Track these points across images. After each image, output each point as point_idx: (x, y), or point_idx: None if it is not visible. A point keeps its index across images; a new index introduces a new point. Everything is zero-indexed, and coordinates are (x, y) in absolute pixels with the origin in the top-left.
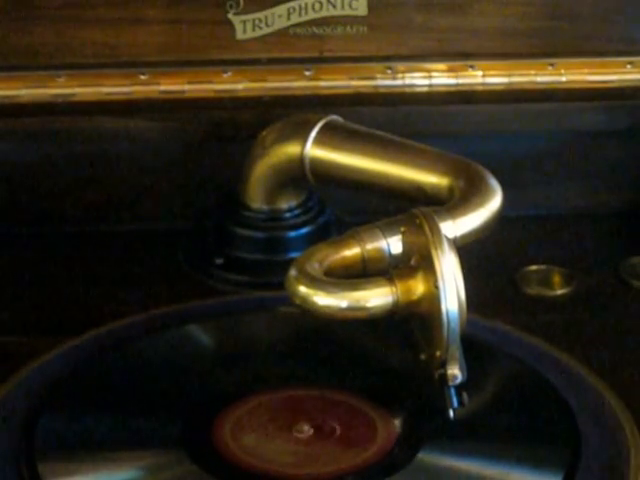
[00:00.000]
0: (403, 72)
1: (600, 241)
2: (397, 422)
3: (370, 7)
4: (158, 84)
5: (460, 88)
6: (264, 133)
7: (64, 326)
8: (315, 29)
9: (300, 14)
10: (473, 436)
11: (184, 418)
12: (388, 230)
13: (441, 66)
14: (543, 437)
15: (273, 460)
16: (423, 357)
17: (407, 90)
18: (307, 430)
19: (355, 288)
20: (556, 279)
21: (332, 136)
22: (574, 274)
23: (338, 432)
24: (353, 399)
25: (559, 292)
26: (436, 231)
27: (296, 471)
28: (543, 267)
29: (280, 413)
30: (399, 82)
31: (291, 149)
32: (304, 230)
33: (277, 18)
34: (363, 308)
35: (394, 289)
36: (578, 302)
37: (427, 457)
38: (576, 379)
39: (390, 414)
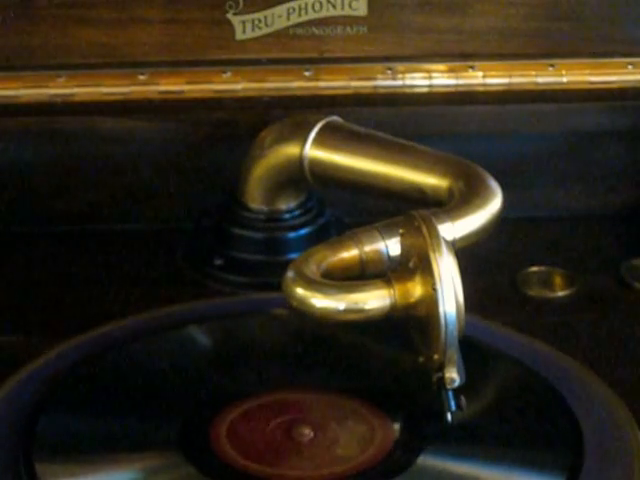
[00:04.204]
0: (403, 72)
1: (601, 242)
2: (397, 425)
3: (370, 7)
4: (157, 84)
5: (460, 89)
6: (263, 134)
7: (62, 326)
8: (315, 29)
9: (300, 14)
10: (474, 439)
11: (182, 419)
12: (386, 232)
13: (441, 67)
14: (544, 440)
15: (271, 462)
16: (421, 360)
17: (407, 91)
18: (306, 433)
19: (352, 290)
20: (557, 280)
21: (331, 137)
22: (575, 275)
23: (338, 435)
24: (352, 402)
25: (560, 293)
26: (434, 233)
27: (294, 474)
28: (544, 268)
29: (279, 415)
30: (399, 83)
31: (290, 150)
32: (303, 231)
33: (277, 18)
34: (360, 310)
35: (392, 291)
36: (579, 304)
37: (428, 460)
38: (577, 381)
39: (390, 417)
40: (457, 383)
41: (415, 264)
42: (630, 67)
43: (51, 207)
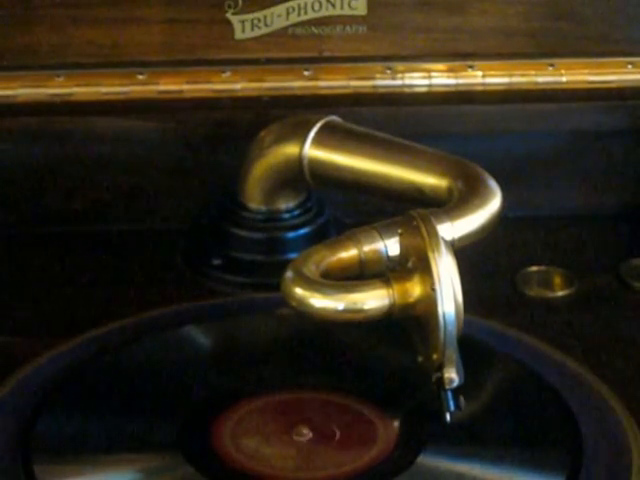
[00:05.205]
0: (402, 72)
1: (601, 242)
2: (397, 425)
3: (369, 7)
4: (156, 84)
5: (460, 88)
6: (262, 133)
7: (62, 326)
8: (314, 29)
9: (299, 14)
10: (474, 439)
11: (182, 420)
12: (386, 232)
13: (441, 66)
14: (544, 440)
15: (271, 463)
16: (420, 360)
17: (406, 90)
18: (306, 433)
19: (351, 290)
20: (556, 280)
21: (331, 137)
22: (574, 275)
23: (337, 435)
24: (353, 402)
25: (559, 293)
26: (433, 233)
27: (295, 475)
28: (543, 268)
29: (279, 416)
30: (398, 82)
31: (290, 150)
32: (303, 231)
33: (276, 18)
34: (359, 310)
35: (390, 291)
36: (578, 303)
37: (428, 460)
38: (576, 381)
39: (390, 417)
40: (456, 383)
41: (414, 264)
42: (629, 67)
43: (50, 207)
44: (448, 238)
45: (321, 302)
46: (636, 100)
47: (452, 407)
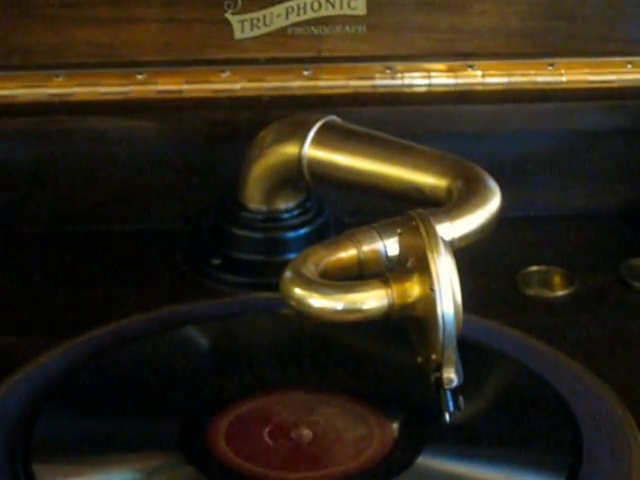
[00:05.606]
0: (402, 72)
1: (600, 242)
2: (396, 426)
3: (369, 7)
4: (155, 84)
5: (459, 88)
6: (262, 133)
7: (62, 326)
8: (313, 29)
9: (298, 14)
10: (474, 439)
11: (181, 420)
12: (385, 232)
13: (440, 66)
14: (544, 440)
15: (270, 463)
16: (419, 360)
17: (406, 90)
18: (305, 433)
19: (350, 290)
20: (556, 280)
21: (330, 136)
22: (574, 275)
23: (337, 435)
24: (352, 402)
25: (559, 293)
26: (432, 233)
27: (295, 475)
28: (543, 268)
29: (278, 416)
30: (398, 82)
31: (289, 149)
32: (302, 231)
33: (275, 17)
34: (358, 310)
35: (389, 291)
36: (578, 303)
37: (427, 460)
38: (576, 381)
39: (389, 417)
40: (455, 383)
41: (413, 264)
42: (629, 66)
43: (50, 207)
44: (447, 238)
45: (320, 302)
46: (636, 100)
47: (451, 407)
